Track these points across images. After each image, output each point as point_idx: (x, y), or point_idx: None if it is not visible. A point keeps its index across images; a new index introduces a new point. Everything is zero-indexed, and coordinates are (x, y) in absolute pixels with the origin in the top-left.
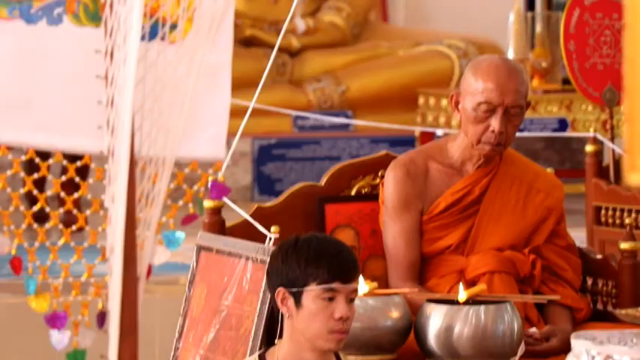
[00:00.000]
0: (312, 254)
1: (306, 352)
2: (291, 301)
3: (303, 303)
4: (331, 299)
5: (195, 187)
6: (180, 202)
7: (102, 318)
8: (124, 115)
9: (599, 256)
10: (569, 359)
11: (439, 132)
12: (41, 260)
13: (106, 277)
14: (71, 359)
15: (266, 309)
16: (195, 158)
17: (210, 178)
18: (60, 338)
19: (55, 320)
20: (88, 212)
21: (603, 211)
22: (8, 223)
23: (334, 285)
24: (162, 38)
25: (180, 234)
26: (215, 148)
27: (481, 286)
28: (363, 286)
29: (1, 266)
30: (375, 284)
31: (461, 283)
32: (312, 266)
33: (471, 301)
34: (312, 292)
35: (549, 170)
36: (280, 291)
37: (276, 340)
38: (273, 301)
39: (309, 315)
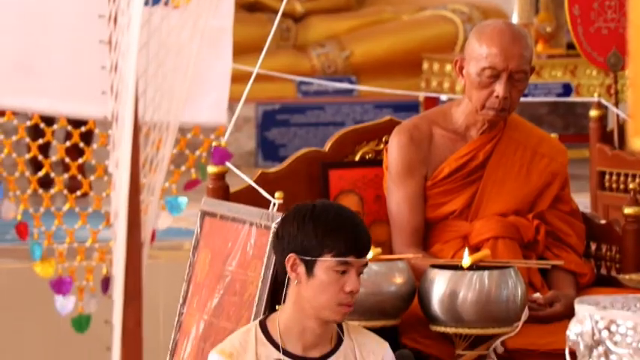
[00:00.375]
0: (331, 225)
1: (309, 319)
2: (302, 269)
3: (315, 273)
4: (344, 272)
5: (198, 153)
6: (183, 168)
7: (106, 283)
8: (128, 80)
9: (602, 221)
10: (572, 324)
11: (443, 97)
12: (46, 226)
13: (110, 243)
14: (76, 324)
15: (270, 274)
16: (197, 123)
17: (213, 144)
18: (65, 303)
19: (60, 285)
20: (92, 178)
21: (607, 176)
22: (14, 188)
23: (349, 259)
24: (166, 3)
25: (182, 199)
26: (217, 113)
27: (485, 252)
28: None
29: (4, 231)
30: (378, 250)
31: (465, 249)
32: (329, 237)
33: (475, 267)
34: (325, 263)
35: (553, 135)
36: (292, 257)
37: (277, 307)
38: (279, 264)
39: (319, 285)
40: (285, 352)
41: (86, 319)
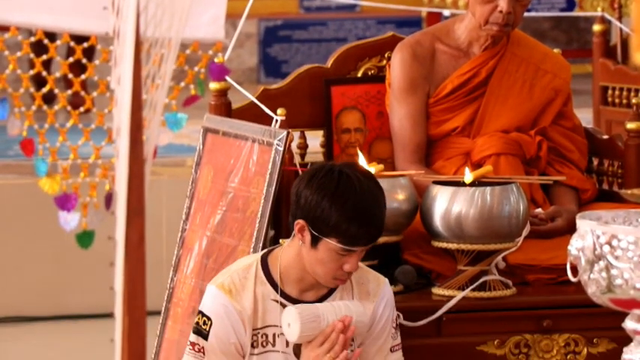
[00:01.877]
0: (346, 213)
1: (308, 274)
2: (307, 236)
3: (319, 247)
4: (346, 255)
5: (196, 69)
6: (182, 84)
7: (109, 199)
8: None
9: (605, 137)
10: (574, 239)
11: (446, 13)
12: (51, 142)
13: (112, 159)
14: (80, 240)
15: (272, 191)
16: (195, 39)
17: (216, 60)
18: (69, 219)
19: (64, 202)
20: (94, 94)
21: (610, 91)
22: (19, 104)
23: (355, 248)
24: None
25: (182, 116)
26: (215, 29)
27: (487, 168)
28: (368, 168)
29: (7, 147)
30: (381, 166)
31: (467, 165)
32: (342, 225)
33: (477, 183)
34: (330, 245)
35: (556, 51)
36: (300, 223)
37: (281, 241)
38: (294, 216)
39: (320, 259)
40: (283, 294)
41: (90, 235)
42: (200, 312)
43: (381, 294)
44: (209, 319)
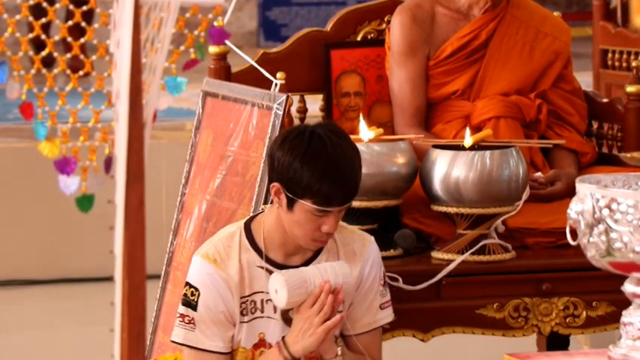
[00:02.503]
0: (317, 172)
1: (290, 238)
2: (283, 199)
3: (295, 210)
4: (323, 215)
5: (196, 33)
6: (182, 48)
7: (109, 163)
8: None
9: (605, 100)
10: (573, 203)
11: None
12: (50, 106)
13: (112, 123)
14: (80, 204)
15: (267, 159)
16: (195, 2)
17: (215, 23)
18: (68, 183)
19: (64, 165)
20: (94, 57)
21: (610, 55)
22: (18, 68)
23: (330, 208)
24: None
25: (182, 79)
26: None
27: (487, 131)
28: (368, 132)
29: (7, 111)
30: (380, 130)
31: (467, 129)
32: (314, 185)
33: (477, 146)
34: (305, 206)
35: (556, 14)
36: (275, 186)
37: (263, 206)
38: (270, 180)
39: (297, 221)
40: (268, 260)
41: (90, 198)
42: (187, 283)
43: (366, 254)
44: (196, 289)
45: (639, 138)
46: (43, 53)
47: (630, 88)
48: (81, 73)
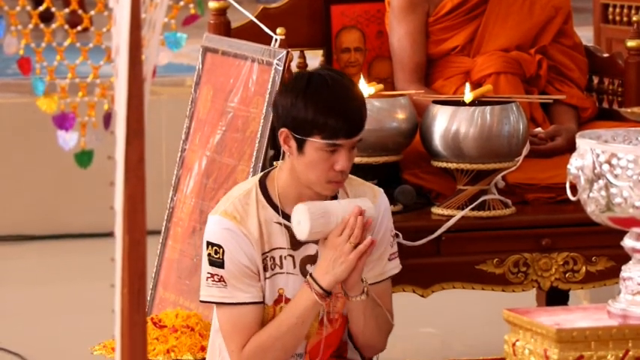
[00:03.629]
0: (322, 105)
1: (304, 188)
2: (293, 144)
3: (305, 151)
4: (334, 151)
5: None
6: (182, 3)
7: (108, 119)
8: None
9: (605, 55)
10: (573, 158)
11: None
12: (48, 61)
13: (111, 79)
14: (79, 160)
15: (272, 111)
16: None
17: None
18: (67, 139)
19: (63, 121)
20: (92, 12)
21: (610, 9)
22: (15, 23)
23: (338, 141)
24: None
25: (181, 35)
26: None
27: (487, 87)
28: (368, 88)
29: (5, 66)
30: (380, 86)
31: (467, 84)
32: (319, 119)
33: (477, 102)
34: (315, 144)
35: None
36: (284, 132)
37: (275, 163)
38: (275, 128)
39: (309, 163)
40: (284, 216)
41: (89, 154)
42: (208, 243)
43: (378, 204)
44: (220, 247)
45: (639, 93)
46: (41, 8)
47: (631, 43)
48: (79, 28)
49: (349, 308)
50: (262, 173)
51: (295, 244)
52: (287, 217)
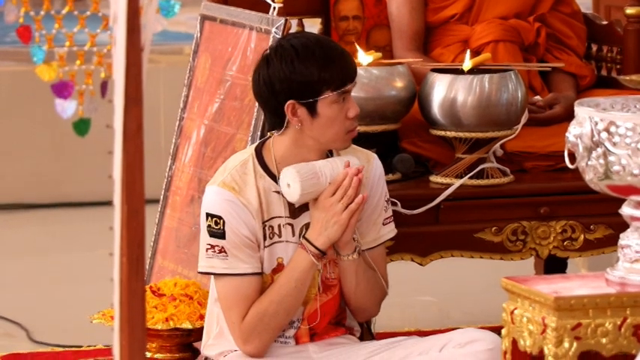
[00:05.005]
0: (322, 61)
1: (311, 153)
2: (302, 111)
3: (319, 111)
4: (344, 99)
5: None
6: None
7: (104, 87)
8: None
9: (604, 22)
10: (572, 126)
11: None
12: (47, 29)
13: (108, 47)
14: (77, 128)
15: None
16: None
17: None
18: (65, 107)
19: (62, 89)
20: None
21: None
22: None
23: (347, 87)
24: None
25: (175, 2)
26: None
27: (485, 55)
28: (366, 56)
29: (3, 34)
30: (379, 54)
31: (465, 52)
32: (325, 75)
33: (476, 70)
34: (328, 99)
35: None
36: (290, 104)
37: (269, 132)
38: (268, 110)
39: (327, 121)
40: None
41: (86, 122)
42: (208, 214)
43: (372, 170)
44: (220, 217)
45: (638, 60)
46: None
47: (630, 10)
48: None
49: (342, 268)
50: (258, 143)
51: (294, 212)
52: None
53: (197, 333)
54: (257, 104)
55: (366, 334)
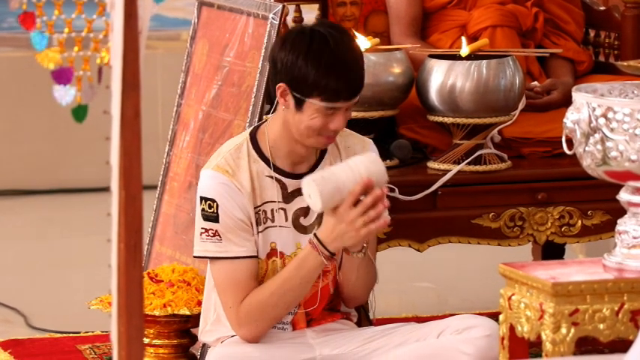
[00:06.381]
0: (324, 65)
1: (296, 143)
2: (290, 99)
3: (304, 110)
4: (332, 113)
5: None
6: None
7: (100, 73)
8: None
9: (602, 8)
10: (569, 112)
11: None
12: (47, 15)
13: (103, 32)
14: (75, 114)
15: (268, 66)
16: None
17: None
18: (64, 93)
19: (61, 75)
20: None
21: None
22: None
23: (338, 104)
24: None
25: None
26: None
27: (483, 41)
28: (364, 42)
29: (1, 20)
30: (376, 40)
31: (463, 38)
32: (321, 81)
33: (473, 56)
34: (314, 105)
35: None
36: (281, 86)
37: (265, 117)
38: (270, 82)
39: (306, 120)
40: (276, 169)
41: (84, 108)
42: (202, 198)
43: (366, 152)
44: (213, 201)
45: (636, 46)
46: None
47: None
48: None
49: (345, 262)
50: (252, 127)
51: (287, 196)
52: (278, 170)
53: (195, 319)
54: (255, 90)
55: (364, 320)
